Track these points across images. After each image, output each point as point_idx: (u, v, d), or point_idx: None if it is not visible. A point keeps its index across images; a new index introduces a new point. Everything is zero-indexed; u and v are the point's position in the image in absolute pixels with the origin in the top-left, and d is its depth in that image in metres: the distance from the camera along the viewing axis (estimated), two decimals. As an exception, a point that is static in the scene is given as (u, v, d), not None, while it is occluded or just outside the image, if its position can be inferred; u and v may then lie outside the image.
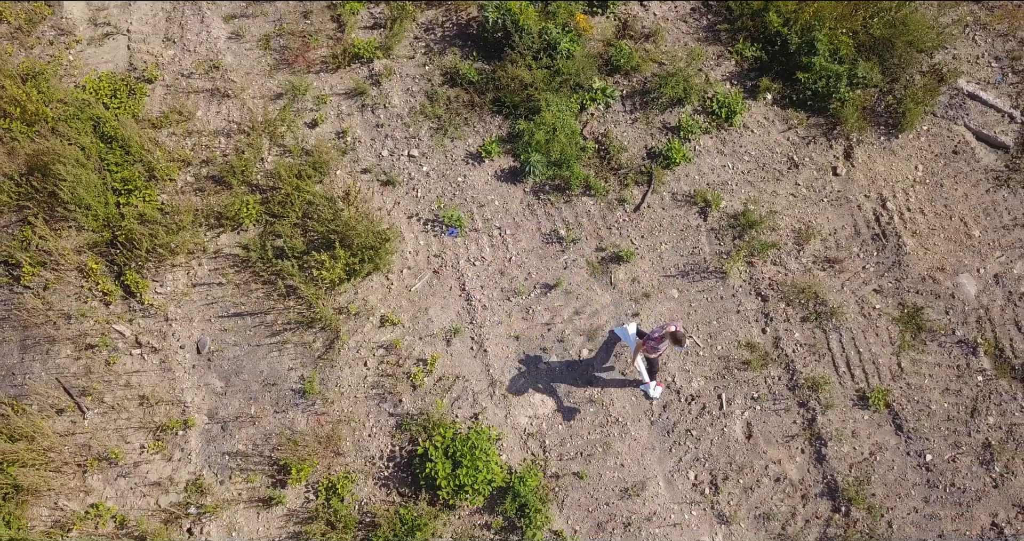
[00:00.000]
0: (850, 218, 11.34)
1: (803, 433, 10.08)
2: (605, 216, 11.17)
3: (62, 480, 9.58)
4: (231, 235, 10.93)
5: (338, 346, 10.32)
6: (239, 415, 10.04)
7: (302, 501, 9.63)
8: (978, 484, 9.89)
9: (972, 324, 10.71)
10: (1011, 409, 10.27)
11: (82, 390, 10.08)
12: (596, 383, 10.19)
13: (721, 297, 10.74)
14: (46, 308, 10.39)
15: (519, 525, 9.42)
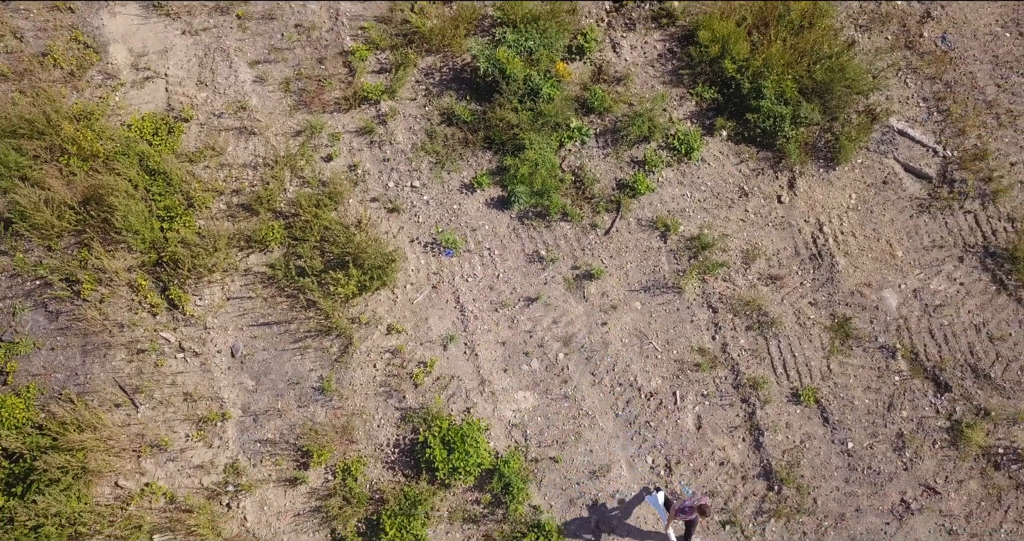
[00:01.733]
0: (791, 240, 13.58)
1: (744, 424, 12.33)
2: (580, 239, 13.42)
3: (120, 463, 11.81)
4: (259, 255, 13.16)
5: (351, 350, 12.55)
6: (268, 409, 12.28)
7: (322, 481, 11.86)
8: (891, 467, 12.13)
9: (892, 332, 12.97)
10: (922, 404, 12.51)
11: (135, 388, 12.31)
12: (570, 383, 12.42)
13: (677, 309, 12.99)
14: (102, 318, 12.60)
15: (504, 501, 11.65)
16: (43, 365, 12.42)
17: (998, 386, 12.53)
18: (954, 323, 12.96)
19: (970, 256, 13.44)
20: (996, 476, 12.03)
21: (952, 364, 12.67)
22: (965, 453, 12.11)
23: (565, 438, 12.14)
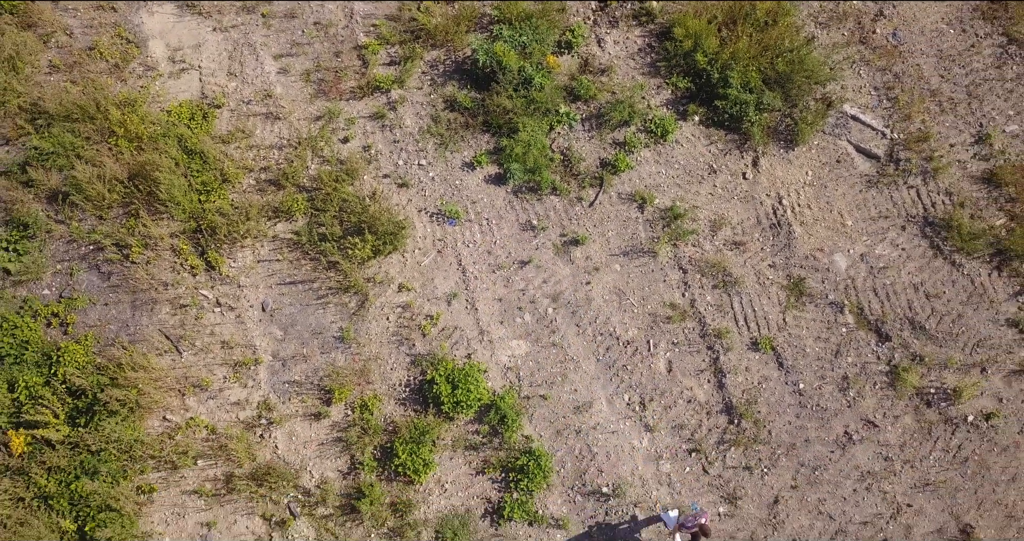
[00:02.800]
0: (754, 211, 15.80)
1: (709, 368, 14.53)
2: (567, 210, 15.64)
3: (168, 401, 14.00)
4: (285, 224, 15.37)
5: (367, 305, 14.75)
6: (295, 355, 14.48)
7: (343, 415, 14.05)
8: (836, 405, 14.32)
9: (841, 290, 15.17)
10: (865, 352, 14.71)
11: (179, 337, 14.51)
12: (558, 333, 14.60)
13: (652, 270, 15.21)
14: (149, 278, 14.81)
15: (500, 431, 13.83)
16: (98, 318, 14.61)
17: (932, 336, 14.72)
18: (895, 283, 15.17)
19: (911, 225, 15.65)
20: (928, 412, 14.22)
21: (892, 318, 14.86)
22: (901, 393, 14.30)
23: (553, 379, 14.32)
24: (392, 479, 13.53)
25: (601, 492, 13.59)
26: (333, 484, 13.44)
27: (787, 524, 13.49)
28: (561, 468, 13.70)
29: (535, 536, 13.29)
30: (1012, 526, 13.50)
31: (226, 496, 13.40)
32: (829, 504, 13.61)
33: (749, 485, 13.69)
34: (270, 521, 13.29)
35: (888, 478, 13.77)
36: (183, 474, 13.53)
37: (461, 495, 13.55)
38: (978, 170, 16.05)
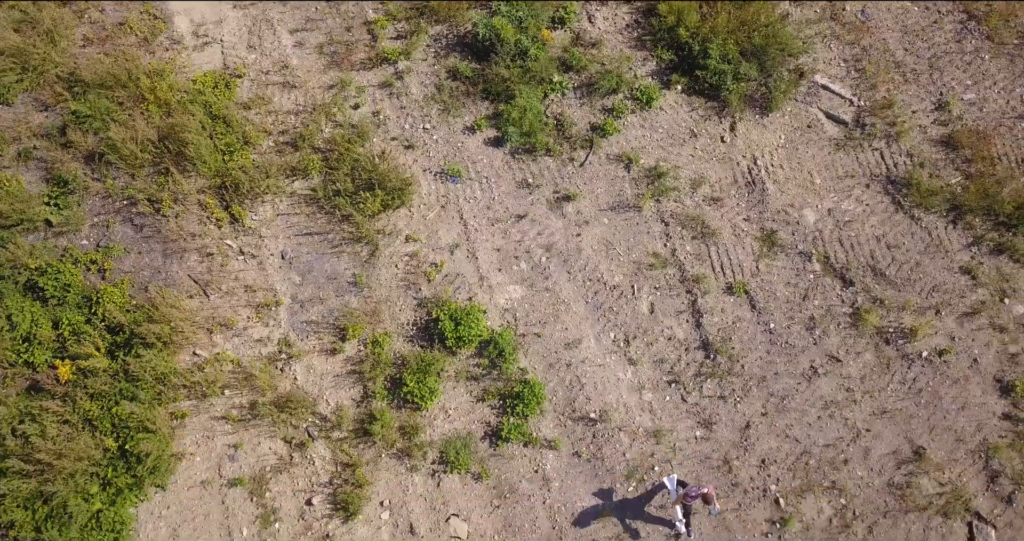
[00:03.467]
0: (731, 171, 17.49)
1: (688, 309, 16.21)
2: (560, 169, 17.33)
3: (197, 338, 15.67)
4: (302, 181, 17.06)
5: (377, 254, 16.43)
6: (312, 298, 16.16)
7: (356, 350, 15.73)
8: (803, 342, 16.00)
9: (809, 241, 16.85)
10: (831, 296, 16.38)
11: (206, 282, 16.19)
12: (551, 279, 16.25)
13: (637, 223, 16.89)
14: (178, 229, 16.48)
15: (498, 364, 15.50)
16: (132, 265, 16.30)
17: (891, 282, 16.41)
18: (859, 235, 16.86)
19: (875, 183, 17.35)
20: (886, 349, 15.90)
21: (856, 266, 16.55)
22: (862, 332, 15.97)
23: (546, 319, 16.00)
24: (401, 406, 15.19)
25: (589, 417, 15.26)
26: (347, 411, 15.10)
27: (757, 446, 15.15)
28: (553, 396, 15.36)
29: (530, 455, 14.96)
30: (960, 448, 15.17)
31: (251, 421, 15.06)
32: (796, 429, 15.28)
33: (723, 412, 15.36)
34: (291, 443, 14.95)
35: (849, 406, 15.44)
36: (212, 402, 15.19)
37: (463, 420, 15.22)
38: (937, 134, 17.73)
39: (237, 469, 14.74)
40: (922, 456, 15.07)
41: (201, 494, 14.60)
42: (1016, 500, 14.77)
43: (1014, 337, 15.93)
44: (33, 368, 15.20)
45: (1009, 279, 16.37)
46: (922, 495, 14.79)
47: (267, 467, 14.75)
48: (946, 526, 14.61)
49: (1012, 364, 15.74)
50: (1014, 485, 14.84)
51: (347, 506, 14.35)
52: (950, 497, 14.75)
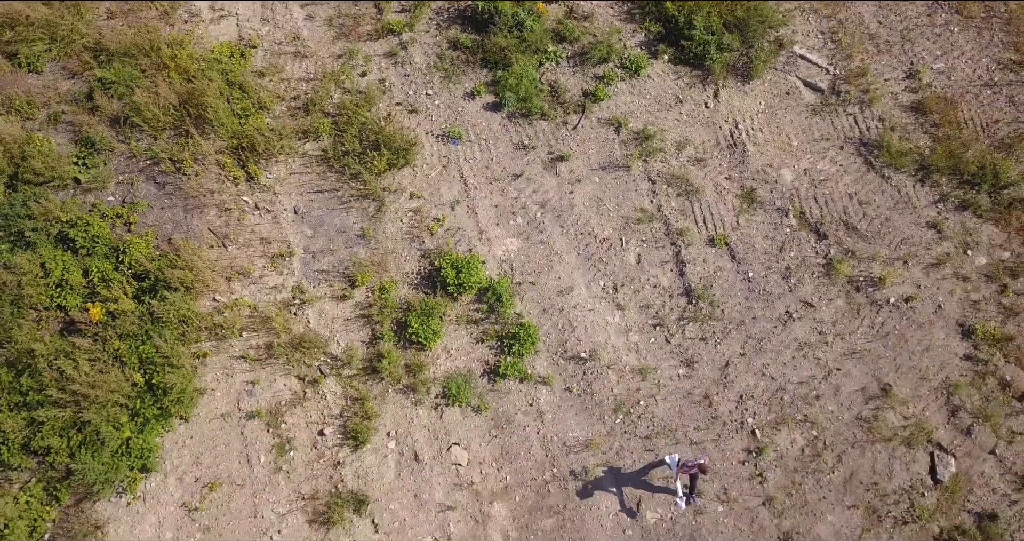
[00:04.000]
0: (714, 134, 18.85)
1: (672, 260, 17.57)
2: (554, 132, 18.69)
3: (216, 284, 17.03)
4: (313, 143, 18.42)
5: (383, 210, 17.79)
6: (323, 249, 17.52)
7: (364, 296, 17.09)
8: (780, 289, 17.35)
9: (787, 198, 18.21)
10: (806, 248, 17.74)
11: (224, 234, 17.55)
12: (545, 233, 17.59)
13: (625, 182, 18.25)
14: (198, 187, 17.84)
15: (496, 308, 16.86)
16: (155, 219, 17.67)
17: (862, 235, 17.76)
18: (833, 192, 18.22)
19: (848, 145, 18.71)
20: (857, 296, 17.26)
21: (829, 220, 17.91)
22: (835, 280, 17.33)
23: (540, 269, 17.37)
24: (406, 346, 16.55)
25: (580, 357, 16.62)
26: (357, 351, 16.46)
27: (736, 383, 16.51)
28: (546, 338, 16.73)
29: (525, 390, 16.32)
30: (924, 386, 16.53)
31: (267, 360, 16.43)
32: (771, 368, 16.64)
33: (704, 352, 16.72)
34: (304, 380, 16.32)
35: (821, 348, 16.79)
36: (231, 343, 16.55)
37: (464, 359, 16.58)
38: (908, 100, 19.10)
39: (254, 403, 16.09)
40: (888, 392, 16.41)
41: (221, 425, 15.95)
42: (975, 432, 16.12)
43: (976, 286, 17.28)
44: (65, 312, 16.54)
45: (972, 233, 17.72)
46: (888, 428, 16.13)
47: (282, 401, 16.11)
48: (910, 455, 15.96)
49: (974, 310, 17.08)
50: (973, 419, 16.19)
51: (356, 436, 15.69)
52: (914, 429, 16.10)
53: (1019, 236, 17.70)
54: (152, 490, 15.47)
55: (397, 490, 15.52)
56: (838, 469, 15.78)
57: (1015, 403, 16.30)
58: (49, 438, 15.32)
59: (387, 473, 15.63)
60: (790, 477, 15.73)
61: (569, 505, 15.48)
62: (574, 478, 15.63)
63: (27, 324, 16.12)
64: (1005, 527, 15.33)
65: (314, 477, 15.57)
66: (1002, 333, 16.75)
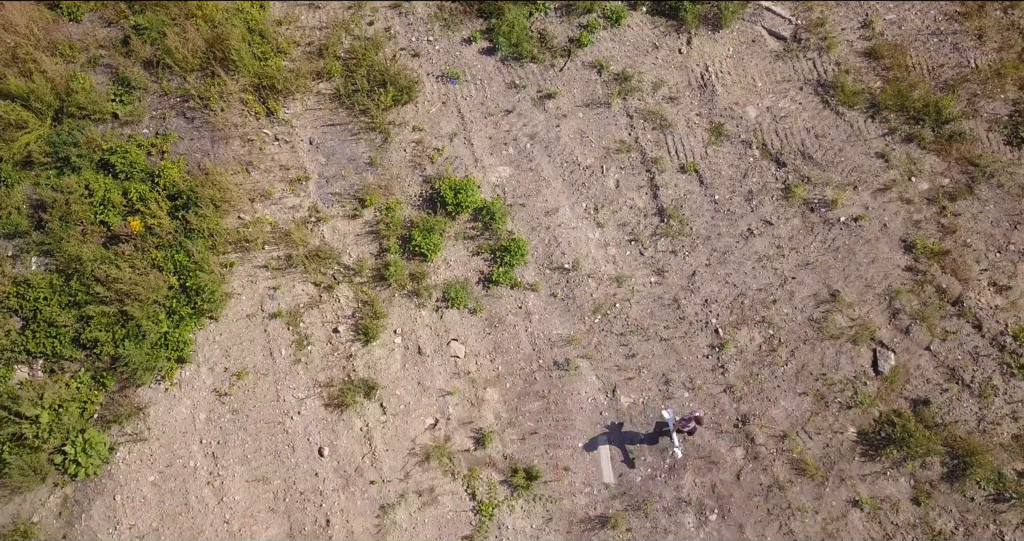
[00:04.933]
0: (686, 76, 21.19)
1: (647, 185, 19.91)
2: (542, 73, 21.02)
3: (241, 204, 19.36)
4: (326, 83, 20.75)
5: (389, 141, 20.11)
6: (335, 175, 19.85)
7: (373, 215, 19.43)
8: (742, 210, 19.69)
9: (751, 132, 20.55)
10: (766, 175, 20.07)
11: (248, 162, 19.88)
12: (534, 161, 19.92)
13: (606, 117, 20.59)
14: (224, 121, 20.16)
15: (490, 226, 19.19)
16: (186, 149, 20.00)
17: (818, 164, 20.10)
18: (792, 127, 20.56)
19: (807, 86, 21.03)
20: (811, 216, 19.59)
21: (788, 151, 20.24)
22: (792, 202, 19.66)
23: (529, 193, 19.70)
24: (410, 258, 18.89)
25: (563, 267, 18.97)
26: (367, 261, 18.80)
27: (701, 289, 18.86)
28: (534, 251, 19.07)
29: (515, 296, 18.66)
30: (869, 292, 18.85)
31: (287, 269, 18.76)
32: (734, 277, 18.98)
33: (673, 263, 19.07)
34: (319, 286, 18.66)
35: (778, 259, 19.13)
36: (254, 254, 18.89)
37: (461, 268, 18.93)
38: (862, 47, 21.42)
39: (276, 305, 18.43)
40: (837, 297, 18.75)
41: (247, 324, 18.30)
42: (912, 332, 18.46)
43: (918, 208, 19.62)
44: (108, 227, 18.87)
45: (916, 162, 20.05)
46: (836, 327, 18.48)
47: (300, 304, 18.45)
48: (854, 351, 18.30)
49: (915, 228, 19.42)
50: (911, 320, 18.53)
51: (367, 333, 18.04)
52: (859, 329, 18.44)
53: (958, 165, 20.03)
54: (187, 378, 17.80)
55: (403, 378, 17.86)
56: (791, 362, 18.11)
57: (948, 307, 18.63)
58: (96, 331, 17.64)
59: (394, 364, 17.97)
60: (748, 369, 18.07)
61: (553, 391, 17.82)
62: (557, 368, 17.96)
63: (74, 236, 18.45)
64: (936, 411, 17.67)
65: (329, 368, 17.91)
66: (940, 248, 19.07)
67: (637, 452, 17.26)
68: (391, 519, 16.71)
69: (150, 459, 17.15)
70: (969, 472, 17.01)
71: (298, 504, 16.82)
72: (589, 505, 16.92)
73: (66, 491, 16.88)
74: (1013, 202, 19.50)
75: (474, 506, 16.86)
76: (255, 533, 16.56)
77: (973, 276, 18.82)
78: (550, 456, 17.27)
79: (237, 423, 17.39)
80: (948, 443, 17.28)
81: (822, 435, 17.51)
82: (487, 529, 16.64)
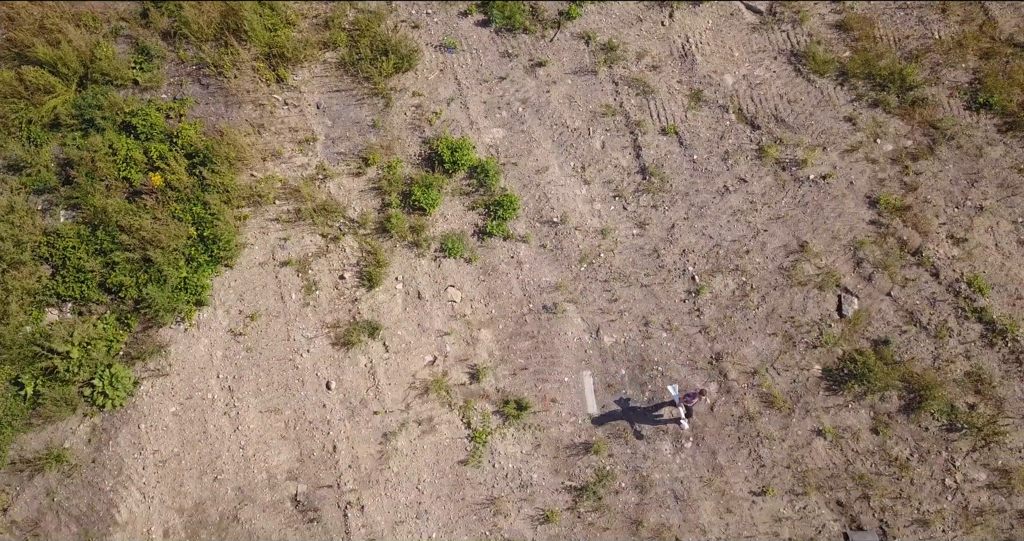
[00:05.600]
0: (668, 47, 22.84)
1: (631, 145, 21.56)
2: (534, 44, 22.68)
3: (253, 163, 21.03)
4: (332, 52, 22.41)
5: (391, 105, 21.77)
6: (341, 136, 21.51)
7: (375, 173, 21.08)
8: (719, 169, 21.34)
9: (728, 98, 22.20)
10: (742, 137, 21.72)
11: (260, 124, 21.54)
12: (526, 124, 21.57)
13: (593, 83, 22.24)
14: (237, 86, 21.82)
15: (484, 183, 20.85)
16: (202, 113, 21.65)
17: (789, 127, 21.75)
18: (766, 93, 22.21)
19: (781, 56, 22.69)
20: (783, 174, 21.25)
21: (762, 115, 21.90)
22: (765, 162, 21.32)
23: (521, 153, 21.36)
24: (410, 211, 20.55)
25: (552, 220, 20.63)
26: (370, 215, 20.46)
27: (679, 241, 20.51)
28: (525, 206, 20.72)
29: (507, 246, 20.32)
30: (835, 243, 20.50)
31: (296, 222, 20.42)
32: (710, 229, 20.63)
33: (654, 217, 20.73)
34: (327, 237, 20.31)
35: (752, 213, 20.78)
36: (266, 208, 20.54)
37: (457, 222, 20.58)
38: (833, 20, 23.06)
39: (286, 255, 20.09)
40: (805, 248, 20.40)
41: (260, 271, 19.96)
42: (875, 279, 20.11)
43: (882, 167, 21.27)
44: (130, 183, 20.52)
45: (881, 125, 21.70)
46: (804, 275, 20.13)
47: (309, 253, 20.11)
48: (821, 296, 19.95)
49: (879, 186, 21.07)
50: (874, 269, 20.18)
51: (371, 279, 19.69)
52: (825, 276, 20.10)
53: (920, 128, 21.68)
54: (204, 319, 19.46)
55: (404, 320, 19.52)
56: (762, 306, 19.77)
57: (909, 257, 20.29)
58: (121, 276, 19.30)
59: (395, 308, 19.63)
60: (722, 312, 19.73)
61: (541, 331, 19.48)
62: (545, 311, 19.63)
63: (100, 190, 20.10)
64: (895, 350, 19.32)
65: (336, 311, 19.57)
66: (902, 203, 20.72)
67: (618, 385, 18.91)
68: (392, 445, 18.37)
69: (171, 392, 18.81)
70: (924, 405, 18.65)
71: (307, 432, 18.49)
72: (574, 433, 18.58)
73: (94, 420, 18.54)
74: (971, 162, 21.15)
75: (469, 434, 18.52)
76: (268, 458, 18.22)
77: (932, 229, 20.45)
78: (539, 389, 18.93)
79: (251, 360, 19.05)
80: (905, 379, 18.93)
81: (789, 371, 19.16)
82: (481, 454, 18.30)
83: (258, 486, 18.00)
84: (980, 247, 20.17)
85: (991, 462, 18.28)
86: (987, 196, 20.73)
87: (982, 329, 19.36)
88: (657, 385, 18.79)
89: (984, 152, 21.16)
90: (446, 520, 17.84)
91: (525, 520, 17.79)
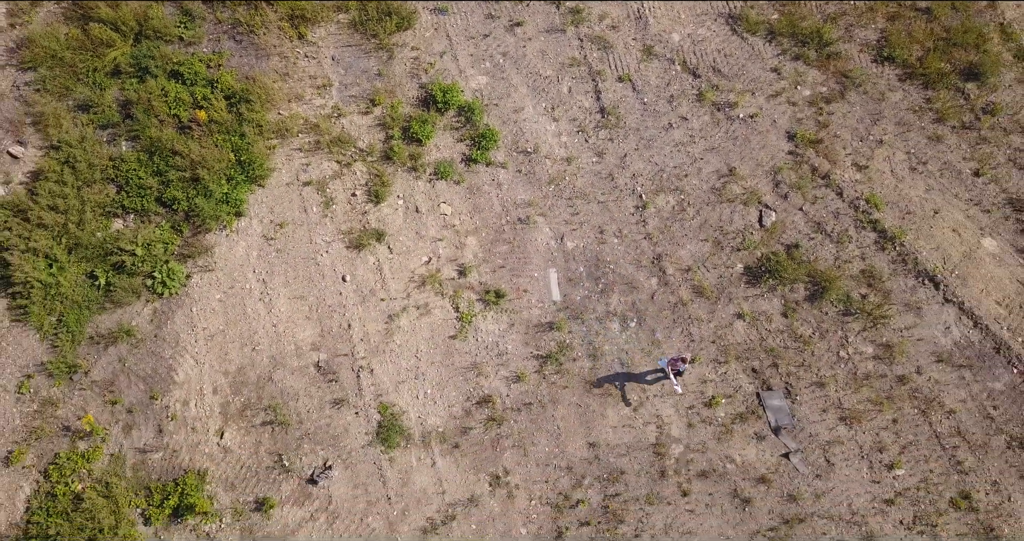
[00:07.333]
0: (626, 11, 27.68)
1: (592, 90, 26.45)
2: (513, 7, 27.51)
3: (280, 103, 25.92)
4: (344, 14, 27.30)
5: (393, 57, 26.66)
6: (352, 82, 26.41)
7: (381, 112, 25.95)
8: (665, 109, 26.22)
9: (674, 52, 27.10)
10: (685, 84, 26.61)
11: (285, 72, 26.44)
12: (505, 73, 26.50)
13: (562, 40, 27.11)
14: (265, 42, 26.70)
15: (471, 120, 25.75)
16: (236, 63, 26.55)
17: (725, 76, 26.66)
18: (706, 49, 27.11)
19: (720, 18, 27.58)
20: (718, 113, 26.16)
21: (703, 67, 26.80)
22: (703, 104, 26.23)
23: (502, 97, 26.27)
24: (409, 142, 25.45)
25: (526, 150, 25.54)
26: (376, 145, 25.36)
27: (630, 167, 25.44)
28: (504, 139, 25.62)
29: (489, 171, 25.23)
30: (759, 169, 25.42)
31: (315, 150, 25.32)
32: (656, 158, 25.55)
33: (610, 147, 25.64)
34: (341, 163, 25.22)
35: (691, 145, 25.70)
36: (291, 140, 25.45)
37: (448, 151, 25.51)
38: (765, -12, 27.95)
39: (308, 176, 24.99)
40: (734, 172, 25.31)
41: (287, 190, 24.87)
42: (790, 197, 25.02)
43: (801, 109, 26.18)
44: (180, 119, 25.40)
45: (801, 75, 26.60)
46: (731, 194, 25.05)
47: (326, 176, 25.02)
48: (745, 210, 24.87)
49: (798, 124, 25.97)
50: (789, 189, 25.10)
51: (377, 195, 24.59)
52: (749, 195, 25.01)
53: (834, 77, 26.59)
54: (242, 227, 24.38)
55: (404, 229, 24.44)
56: (696, 218, 24.69)
57: (819, 180, 25.20)
58: (175, 192, 24.20)
59: (397, 219, 24.54)
60: (663, 222, 24.65)
61: (516, 238, 24.40)
62: (520, 223, 24.54)
63: (155, 124, 24.99)
64: (804, 252, 24.24)
65: (349, 221, 24.48)
66: (815, 137, 25.63)
67: (577, 279, 23.84)
68: (396, 324, 23.29)
69: (216, 283, 23.72)
70: (825, 295, 23.57)
71: (327, 314, 23.40)
72: (541, 315, 23.52)
73: (155, 305, 23.44)
74: (874, 105, 26.05)
75: (457, 316, 23.43)
76: (295, 333, 23.13)
77: (840, 158, 25.36)
78: (513, 282, 23.85)
79: (281, 258, 23.96)
80: (811, 274, 23.85)
81: (717, 269, 24.08)
82: (466, 331, 23.22)
83: (288, 355, 22.91)
84: (878, 172, 25.09)
85: (877, 339, 23.21)
86: (886, 132, 25.63)
87: (876, 237, 24.28)
88: (609, 280, 23.67)
89: (886, 97, 26.06)
90: (438, 380, 22.77)
91: (501, 380, 22.72)
